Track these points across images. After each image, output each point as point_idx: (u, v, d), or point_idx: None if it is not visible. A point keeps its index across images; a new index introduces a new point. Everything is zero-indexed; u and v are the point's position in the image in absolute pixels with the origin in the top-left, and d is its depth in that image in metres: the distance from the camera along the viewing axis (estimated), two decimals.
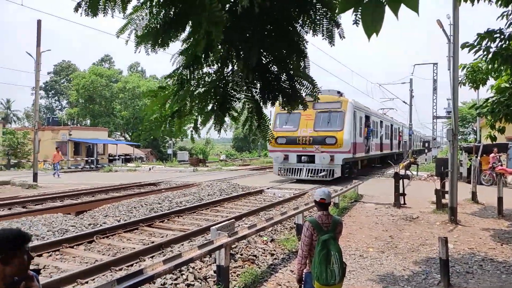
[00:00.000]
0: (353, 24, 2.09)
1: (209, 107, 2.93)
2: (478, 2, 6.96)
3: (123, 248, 7.27)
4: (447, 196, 11.09)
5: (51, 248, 7.01)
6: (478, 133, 29.07)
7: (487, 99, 8.71)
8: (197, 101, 2.86)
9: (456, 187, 10.48)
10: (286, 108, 3.21)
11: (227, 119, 3.17)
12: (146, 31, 2.70)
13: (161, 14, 2.67)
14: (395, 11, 1.83)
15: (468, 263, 6.92)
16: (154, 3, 2.58)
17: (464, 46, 7.27)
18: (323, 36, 2.71)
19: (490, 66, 7.69)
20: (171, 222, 9.83)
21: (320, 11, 2.66)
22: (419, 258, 7.16)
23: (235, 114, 3.06)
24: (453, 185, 10.48)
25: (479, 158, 18.38)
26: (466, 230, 9.42)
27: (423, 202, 13.10)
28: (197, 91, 2.91)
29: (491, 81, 9.34)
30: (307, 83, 3.02)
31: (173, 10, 2.57)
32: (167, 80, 3.00)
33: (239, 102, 3.05)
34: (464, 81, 9.64)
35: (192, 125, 3.13)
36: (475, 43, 7.03)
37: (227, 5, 2.49)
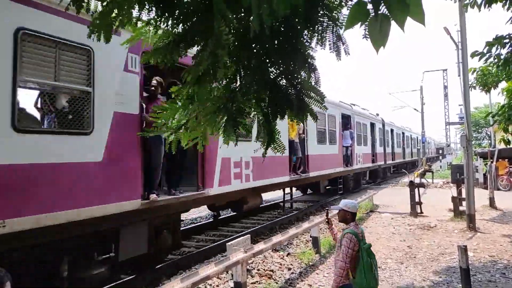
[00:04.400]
0: (363, 38, 2.14)
1: (218, 122, 2.98)
2: (485, 8, 6.96)
3: None
4: (464, 203, 10.92)
5: None
6: (492, 138, 28.65)
7: (503, 106, 8.62)
8: (206, 116, 2.92)
9: (473, 194, 10.31)
10: (295, 120, 3.25)
11: None
12: (155, 47, 2.81)
13: (170, 33, 2.76)
14: (402, 24, 1.87)
15: (490, 271, 6.77)
16: (162, 20, 2.66)
17: (474, 54, 7.25)
18: (330, 49, 2.76)
19: (501, 70, 7.64)
20: None
21: (326, 23, 2.71)
22: (439, 268, 7.03)
23: (244, 129, 3.10)
24: (469, 192, 10.32)
25: (495, 163, 18.09)
26: (485, 237, 9.24)
27: (440, 210, 12.89)
28: (206, 106, 2.96)
29: (502, 84, 9.25)
30: (315, 95, 3.05)
31: (182, 29, 2.65)
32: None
33: (249, 116, 3.09)
34: (474, 85, 9.58)
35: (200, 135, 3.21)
36: (485, 51, 7.01)
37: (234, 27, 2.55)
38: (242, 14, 2.56)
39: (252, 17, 2.24)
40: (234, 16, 2.33)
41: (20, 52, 4.31)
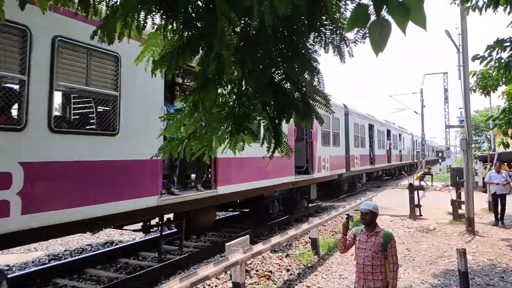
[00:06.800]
0: (363, 40, 2.14)
1: (224, 128, 2.97)
2: (486, 11, 6.98)
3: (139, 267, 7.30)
4: (463, 206, 10.93)
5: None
6: (492, 141, 28.65)
7: (504, 110, 8.63)
8: (211, 122, 2.91)
9: (472, 197, 10.33)
10: (301, 124, 3.23)
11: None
12: (161, 55, 2.80)
13: (176, 39, 2.75)
14: (403, 28, 1.88)
15: (488, 275, 6.78)
16: (168, 28, 2.66)
17: (475, 58, 7.28)
18: (334, 52, 2.76)
19: (501, 73, 7.66)
20: None
21: (330, 27, 2.70)
22: (438, 271, 7.03)
23: (251, 134, 3.08)
24: (469, 195, 10.34)
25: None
26: (484, 240, 9.25)
27: (439, 213, 12.90)
28: (211, 112, 2.95)
29: (502, 87, 9.27)
30: (320, 98, 3.04)
31: (186, 34, 2.65)
32: (182, 103, 3.06)
33: (254, 121, 3.08)
34: (474, 88, 9.59)
35: (207, 145, 3.17)
36: (486, 55, 7.03)
37: (238, 28, 2.55)
38: (246, 18, 2.57)
39: (254, 17, 2.25)
40: (237, 17, 2.34)
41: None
